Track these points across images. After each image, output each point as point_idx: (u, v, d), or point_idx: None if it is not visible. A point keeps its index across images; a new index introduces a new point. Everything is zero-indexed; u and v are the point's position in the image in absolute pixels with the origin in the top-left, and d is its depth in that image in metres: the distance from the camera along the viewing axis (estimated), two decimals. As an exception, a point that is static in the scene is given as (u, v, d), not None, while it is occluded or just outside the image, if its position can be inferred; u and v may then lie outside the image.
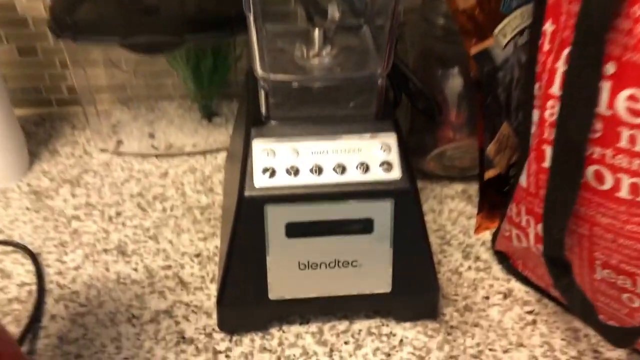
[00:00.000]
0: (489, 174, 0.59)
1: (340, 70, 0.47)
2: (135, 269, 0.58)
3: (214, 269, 0.58)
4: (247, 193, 0.46)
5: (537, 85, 0.47)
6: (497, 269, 0.58)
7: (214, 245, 0.60)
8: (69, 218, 0.64)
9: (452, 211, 0.65)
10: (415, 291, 0.50)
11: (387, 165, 0.47)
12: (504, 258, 0.57)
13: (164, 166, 0.71)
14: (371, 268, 0.49)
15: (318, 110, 0.49)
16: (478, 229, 0.61)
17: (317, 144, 0.48)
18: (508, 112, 0.58)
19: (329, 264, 0.49)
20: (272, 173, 0.47)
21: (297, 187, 0.47)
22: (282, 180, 0.47)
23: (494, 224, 0.62)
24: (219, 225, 0.63)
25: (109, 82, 0.76)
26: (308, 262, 0.48)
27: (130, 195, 0.66)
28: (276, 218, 0.47)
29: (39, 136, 0.76)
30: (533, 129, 0.47)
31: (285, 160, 0.47)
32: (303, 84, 0.47)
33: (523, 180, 0.48)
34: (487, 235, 0.61)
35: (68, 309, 0.54)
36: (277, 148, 0.48)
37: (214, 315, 0.53)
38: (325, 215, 0.47)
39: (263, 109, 0.49)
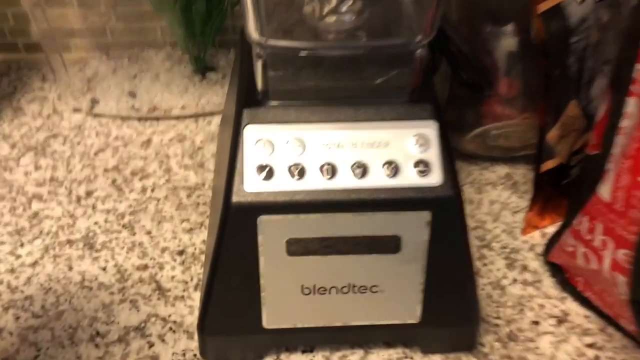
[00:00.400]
0: (548, 165, 0.47)
1: (366, 36, 0.35)
2: (104, 269, 0.47)
3: (199, 272, 0.47)
4: (235, 199, 0.35)
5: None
6: (549, 284, 0.47)
7: (202, 239, 0.50)
8: (30, 197, 0.53)
9: (493, 203, 0.53)
10: (451, 323, 0.40)
11: (423, 166, 0.36)
12: (558, 270, 0.46)
13: (147, 132, 0.59)
14: (396, 294, 0.38)
15: (333, 88, 0.36)
16: (526, 229, 0.50)
17: (330, 134, 0.36)
18: (577, 87, 0.45)
19: (341, 289, 0.38)
20: (269, 173, 0.35)
21: (302, 192, 0.35)
22: (283, 183, 0.35)
23: (545, 222, 0.50)
24: (209, 213, 0.52)
25: (83, 25, 0.63)
26: (314, 287, 0.38)
27: (104, 170, 0.55)
28: (274, 232, 0.36)
29: (1, 89, 0.64)
30: (624, 123, 0.35)
31: (287, 156, 0.36)
32: (314, 52, 0.35)
33: (605, 192, 0.36)
34: (536, 236, 0.50)
35: (18, 321, 0.44)
36: (276, 138, 0.36)
37: (196, 337, 0.43)
38: (339, 230, 0.36)
39: (259, 85, 0.36)
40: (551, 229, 0.50)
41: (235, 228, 0.36)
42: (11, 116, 0.61)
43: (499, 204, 0.53)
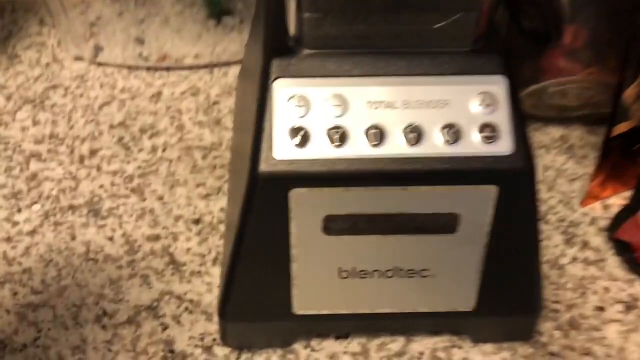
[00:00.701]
0: (620, 128, 0.41)
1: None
2: (111, 239, 0.42)
3: (218, 244, 0.42)
4: (263, 168, 0.29)
5: None
6: (614, 263, 0.41)
7: (220, 207, 0.44)
8: (27, 156, 0.48)
9: (547, 168, 0.47)
10: (509, 310, 0.34)
11: (489, 131, 0.29)
12: (625, 249, 0.41)
13: (156, 84, 0.53)
14: (449, 279, 0.33)
15: (381, 34, 0.30)
16: (586, 200, 0.44)
17: (378, 90, 0.30)
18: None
19: (385, 273, 0.32)
20: (305, 138, 0.29)
21: (343, 161, 0.29)
22: (320, 149, 0.29)
23: (607, 192, 0.44)
24: (227, 176, 0.46)
25: (84, -39, 0.56)
26: (353, 270, 0.32)
27: (109, 126, 0.50)
28: (308, 208, 0.30)
29: (-5, 34, 0.58)
30: None
31: (326, 117, 0.30)
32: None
33: None
34: (597, 208, 0.44)
35: (16, 297, 0.39)
36: (312, 95, 0.30)
37: (216, 319, 0.38)
38: (386, 206, 0.30)
39: (291, 29, 0.30)
40: (613, 201, 0.45)
41: (263, 202, 0.30)
42: (6, 64, 0.55)
43: (553, 170, 0.47)
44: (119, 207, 0.44)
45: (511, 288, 0.33)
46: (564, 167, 0.47)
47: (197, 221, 0.43)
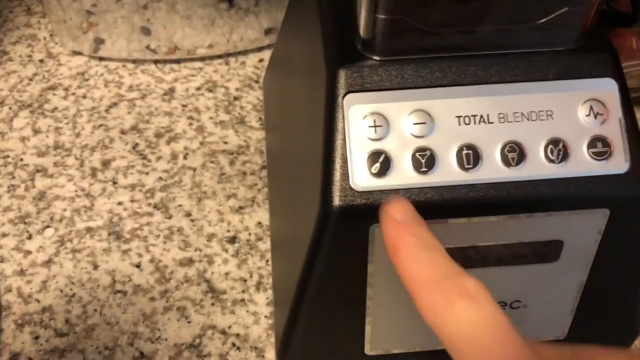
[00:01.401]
0: None
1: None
2: (138, 265, 0.38)
3: (259, 265, 0.38)
4: (337, 202, 0.25)
5: None
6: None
7: (256, 221, 0.40)
8: (31, 172, 0.42)
9: (610, 159, 0.43)
10: (603, 337, 0.31)
11: (601, 146, 0.25)
12: None
13: (168, 79, 0.48)
14: (542, 308, 0.29)
15: (470, 33, 0.25)
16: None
17: (468, 102, 0.25)
18: None
19: (472, 307, 0.29)
20: (385, 163, 0.25)
21: (432, 189, 0.25)
22: (405, 176, 0.25)
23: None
24: (260, 184, 0.41)
25: (73, -60, 0.49)
26: (437, 306, 0.28)
27: (120, 131, 0.44)
28: (390, 244, 0.26)
29: (-22, 27, 0.52)
30: None
31: (409, 137, 0.25)
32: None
33: None
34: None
35: (38, 342, 0.35)
36: (391, 111, 0.25)
37: (269, 353, 0.34)
38: (482, 238, 0.26)
39: (362, 31, 0.25)
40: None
41: (338, 238, 0.26)
42: (-6, 63, 0.49)
43: (616, 159, 0.43)
44: (142, 228, 0.39)
45: (609, 316, 0.30)
46: (627, 156, 0.43)
47: (232, 239, 0.39)
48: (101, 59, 0.48)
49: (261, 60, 0.49)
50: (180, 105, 0.46)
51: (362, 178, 0.25)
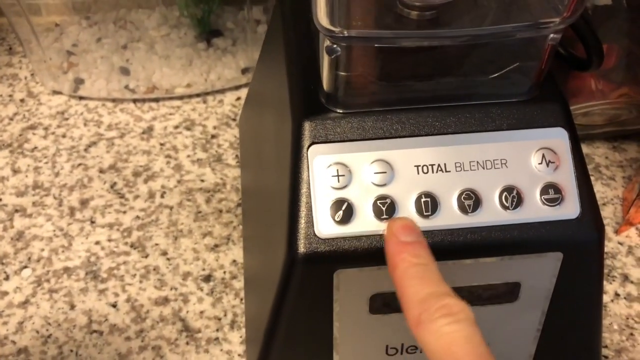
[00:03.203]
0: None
1: (485, 18, 0.25)
2: (115, 305, 0.38)
3: (234, 304, 0.38)
4: (302, 249, 0.26)
5: None
6: (657, 298, 0.39)
7: (231, 259, 0.40)
8: (10, 212, 0.43)
9: (575, 194, 0.45)
10: (565, 372, 0.32)
11: (553, 192, 0.27)
12: (669, 282, 0.38)
13: (146, 118, 0.49)
14: (504, 345, 0.30)
15: (427, 87, 0.27)
16: (623, 227, 0.42)
17: (426, 152, 0.26)
18: None
19: (436, 347, 0.30)
20: (348, 212, 0.26)
21: (392, 236, 0.26)
22: (366, 224, 0.26)
23: (641, 216, 0.42)
24: (236, 222, 0.42)
25: (55, -18, 0.51)
26: (402, 346, 0.29)
27: (99, 170, 0.45)
28: (354, 287, 0.27)
29: (-41, 67, 0.53)
30: None
31: (370, 186, 0.26)
32: (409, 43, 0.25)
33: None
34: (632, 236, 0.42)
35: (14, 384, 0.35)
36: (353, 161, 0.26)
37: (242, 393, 0.35)
38: (441, 281, 0.27)
39: (326, 85, 0.26)
40: (647, 225, 0.42)
41: (303, 283, 0.27)
42: (-25, 102, 0.50)
43: (581, 194, 0.45)
44: (119, 267, 0.40)
45: (568, 352, 0.31)
46: (592, 191, 0.45)
47: (207, 278, 0.39)
48: (81, 98, 0.49)
49: (238, 99, 0.50)
50: (158, 144, 0.47)
51: (326, 226, 0.26)
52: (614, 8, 0.40)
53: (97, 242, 0.41)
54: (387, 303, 0.28)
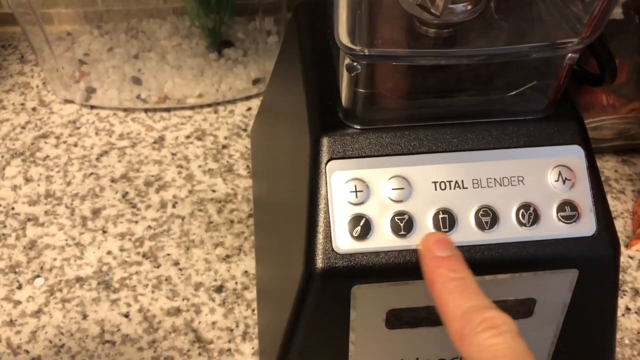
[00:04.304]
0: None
1: (503, 37, 0.25)
2: (127, 315, 0.38)
3: (245, 315, 0.39)
4: (321, 264, 0.26)
5: None
6: (667, 312, 0.40)
7: (242, 269, 0.41)
8: (23, 220, 0.43)
9: (585, 207, 0.45)
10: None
11: (570, 210, 0.27)
12: (679, 296, 0.39)
13: (158, 127, 0.49)
14: (517, 362, 0.30)
15: (446, 104, 0.27)
16: (633, 241, 0.42)
17: (444, 168, 0.27)
18: None
19: (450, 361, 0.30)
20: (366, 227, 0.26)
21: (410, 252, 0.26)
22: (384, 240, 0.26)
23: (651, 230, 0.42)
24: (247, 233, 0.42)
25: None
26: (417, 360, 0.30)
27: (111, 180, 0.45)
28: (371, 303, 0.27)
29: (-29, 75, 0.53)
30: None
31: (388, 202, 0.26)
32: (427, 62, 0.25)
33: None
34: (643, 249, 0.42)
35: (27, 394, 0.36)
36: (371, 177, 0.27)
37: (254, 405, 0.35)
38: (457, 297, 0.27)
39: (344, 102, 0.27)
40: (657, 239, 0.43)
41: (320, 298, 0.27)
42: (-13, 110, 0.50)
43: (591, 208, 0.45)
44: (131, 277, 0.40)
45: (584, 366, 0.31)
46: (601, 205, 0.45)
47: (219, 289, 0.39)
48: (92, 107, 0.50)
49: (249, 109, 0.50)
50: (169, 154, 0.47)
51: (344, 241, 0.26)
52: (626, 23, 0.40)
53: (109, 252, 0.41)
54: (404, 318, 0.28)
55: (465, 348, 0.22)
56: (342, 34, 0.23)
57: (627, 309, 0.39)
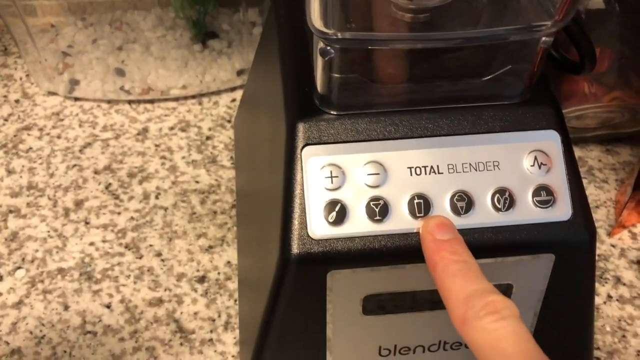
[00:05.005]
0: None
1: (479, 21, 0.25)
2: (109, 306, 0.38)
3: (228, 305, 0.38)
4: (296, 250, 0.26)
5: None
6: (649, 300, 0.40)
7: (225, 260, 0.41)
8: (4, 212, 0.43)
9: (569, 196, 0.45)
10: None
11: (545, 194, 0.27)
12: (661, 284, 0.39)
13: (141, 119, 0.49)
14: (495, 348, 0.30)
15: (421, 89, 0.27)
16: (616, 229, 0.42)
17: (419, 153, 0.27)
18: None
19: (429, 348, 0.30)
20: (341, 213, 0.26)
21: (385, 237, 0.26)
22: (360, 225, 0.26)
23: (633, 220, 0.42)
24: (230, 223, 0.42)
25: (50, -17, 0.51)
26: (395, 347, 0.29)
27: (94, 171, 0.45)
28: (347, 289, 0.27)
29: (-46, 68, 0.53)
30: None
31: (363, 187, 0.26)
32: (402, 46, 0.25)
33: None
34: (625, 238, 0.42)
35: (7, 385, 0.35)
36: (347, 163, 0.26)
37: (235, 394, 0.35)
38: (432, 282, 0.27)
39: (320, 87, 0.27)
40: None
41: (296, 284, 0.27)
42: (-30, 103, 0.50)
43: (574, 197, 0.45)
44: (113, 268, 0.40)
45: (560, 355, 0.31)
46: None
47: (202, 279, 0.39)
48: (76, 99, 0.49)
49: (233, 100, 0.50)
50: (153, 145, 0.47)
51: (319, 227, 0.26)
52: (607, 12, 0.40)
53: (92, 243, 0.41)
54: (382, 305, 0.28)
55: (467, 332, 0.22)
56: (315, 17, 0.23)
57: (609, 296, 0.39)
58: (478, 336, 0.22)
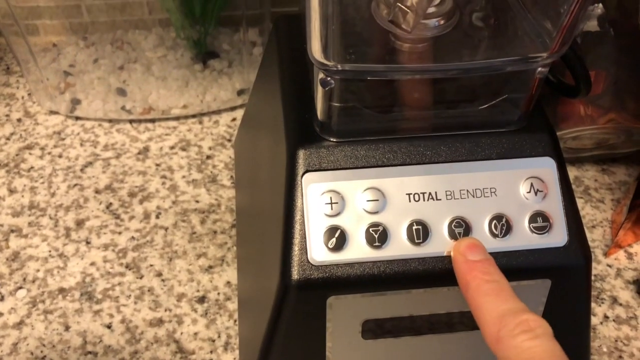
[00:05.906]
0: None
1: (476, 51, 0.25)
2: (109, 326, 0.39)
3: (227, 325, 0.39)
4: (296, 276, 0.26)
5: None
6: (645, 320, 0.40)
7: (225, 280, 0.41)
8: (6, 232, 0.43)
9: (565, 216, 0.45)
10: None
11: (542, 221, 0.27)
12: (657, 304, 0.39)
13: (142, 138, 0.49)
14: (493, 371, 0.31)
15: (419, 117, 0.27)
16: (612, 249, 0.42)
17: (418, 180, 0.27)
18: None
19: (427, 371, 0.30)
20: (341, 239, 0.26)
21: (384, 263, 0.26)
22: (359, 251, 0.26)
23: (630, 240, 0.43)
24: (230, 243, 0.43)
25: (52, 0, 0.51)
26: (394, 370, 0.30)
27: (95, 191, 0.45)
28: (346, 314, 0.27)
29: (-43, 86, 0.53)
30: None
31: (363, 213, 0.27)
32: (401, 76, 0.25)
33: None
34: (621, 258, 0.43)
35: (8, 406, 0.36)
36: (346, 189, 0.27)
37: (235, 415, 0.35)
38: (432, 307, 0.28)
39: (320, 114, 0.27)
40: (636, 249, 0.43)
41: (296, 309, 0.27)
42: (-28, 121, 0.50)
43: (571, 217, 0.45)
44: (114, 288, 0.40)
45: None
46: (582, 213, 0.45)
47: (202, 299, 0.40)
48: (77, 118, 0.50)
49: (234, 120, 0.51)
50: (154, 164, 0.47)
51: (319, 252, 0.26)
52: (602, 35, 0.41)
53: (93, 263, 0.41)
54: (381, 329, 0.28)
55: (501, 350, 0.22)
56: (316, 50, 0.24)
57: (605, 317, 0.39)
58: (512, 354, 0.22)
